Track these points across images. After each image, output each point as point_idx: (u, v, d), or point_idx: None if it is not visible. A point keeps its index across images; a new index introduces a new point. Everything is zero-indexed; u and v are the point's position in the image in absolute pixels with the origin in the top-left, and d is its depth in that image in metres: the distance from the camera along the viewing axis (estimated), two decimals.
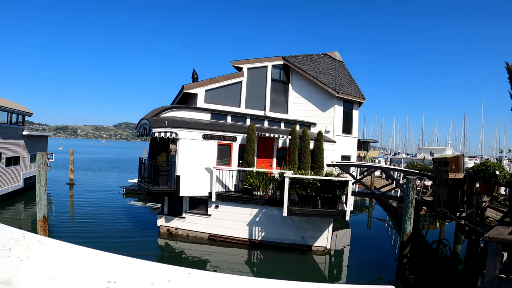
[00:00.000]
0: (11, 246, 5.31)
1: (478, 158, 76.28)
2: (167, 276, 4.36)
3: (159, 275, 4.27)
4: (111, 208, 27.47)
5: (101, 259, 4.92)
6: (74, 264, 4.87)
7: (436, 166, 17.60)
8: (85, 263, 4.67)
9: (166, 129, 17.32)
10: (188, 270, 4.37)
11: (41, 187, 15.65)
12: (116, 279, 4.25)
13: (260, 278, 4.42)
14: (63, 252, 5.24)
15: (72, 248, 5.33)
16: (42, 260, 4.75)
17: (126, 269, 4.60)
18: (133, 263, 4.66)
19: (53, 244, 5.42)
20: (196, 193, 18.54)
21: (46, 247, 5.41)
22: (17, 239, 5.71)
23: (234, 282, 4.20)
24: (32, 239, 5.67)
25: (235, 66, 22.25)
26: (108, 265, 4.76)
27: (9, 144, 27.59)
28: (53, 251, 5.32)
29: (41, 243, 5.53)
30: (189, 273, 4.53)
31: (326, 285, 3.11)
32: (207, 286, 3.89)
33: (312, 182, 16.17)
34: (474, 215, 13.59)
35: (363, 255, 18.56)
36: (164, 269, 4.50)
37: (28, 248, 5.28)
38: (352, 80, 26.16)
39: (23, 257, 4.91)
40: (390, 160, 60.57)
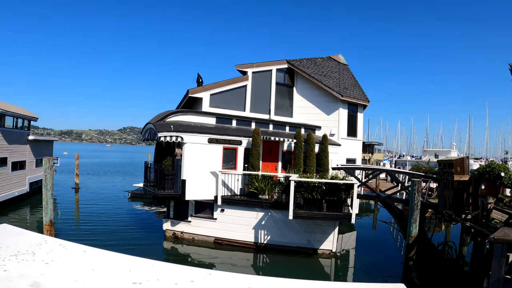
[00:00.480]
0: (34, 250, 5.44)
1: (483, 159, 76.06)
2: (190, 277, 4.44)
3: (182, 276, 4.34)
4: (117, 212, 27.58)
5: (124, 261, 5.00)
6: (98, 266, 4.98)
7: (441, 168, 17.59)
8: (109, 265, 4.76)
9: (172, 134, 17.40)
10: (209, 271, 4.45)
11: (47, 191, 15.75)
12: (141, 280, 4.34)
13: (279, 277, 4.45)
14: (86, 256, 5.34)
15: (95, 251, 5.42)
16: (67, 263, 4.83)
17: (149, 271, 4.68)
18: (156, 265, 4.74)
19: (76, 247, 5.51)
20: (201, 197, 18.60)
21: (69, 251, 5.52)
22: (39, 243, 5.83)
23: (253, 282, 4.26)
24: (53, 243, 5.78)
25: (240, 70, 22.33)
26: (131, 267, 4.86)
27: (15, 149, 27.78)
28: (77, 255, 5.43)
29: (63, 247, 5.65)
30: (210, 273, 4.61)
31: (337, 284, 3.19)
32: (228, 286, 3.96)
33: (318, 185, 16.22)
34: (479, 217, 13.58)
35: (368, 258, 18.55)
36: (187, 270, 4.58)
37: (51, 252, 5.40)
38: (357, 83, 26.19)
39: (48, 261, 5.02)
40: (395, 163, 60.50)
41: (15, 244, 5.83)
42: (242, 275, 4.27)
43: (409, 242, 15.49)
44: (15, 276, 4.55)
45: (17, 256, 5.30)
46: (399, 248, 20.60)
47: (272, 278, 4.42)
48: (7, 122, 26.70)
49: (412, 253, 15.33)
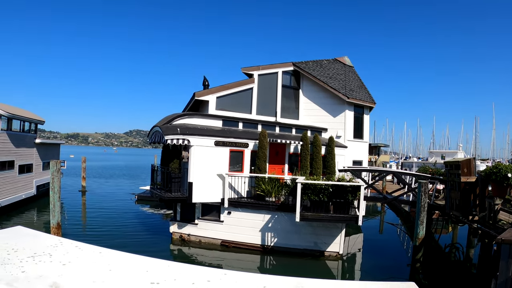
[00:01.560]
0: (51, 251, 5.52)
1: (490, 160, 75.76)
2: (206, 277, 4.50)
3: (199, 276, 4.39)
4: (124, 215, 27.68)
5: (141, 262, 5.05)
6: (115, 267, 5.04)
7: (448, 169, 17.56)
8: (126, 266, 4.81)
9: (179, 136, 17.46)
10: (225, 271, 4.48)
11: (54, 194, 15.88)
12: (159, 280, 4.40)
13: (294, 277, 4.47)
14: (102, 257, 5.40)
15: (111, 252, 5.47)
16: (84, 264, 4.89)
17: (166, 271, 4.73)
18: (172, 265, 4.79)
19: (92, 249, 5.57)
20: (208, 199, 18.64)
21: (85, 252, 5.58)
22: (55, 245, 5.90)
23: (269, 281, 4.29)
24: (69, 244, 5.84)
25: (246, 73, 22.39)
26: (148, 268, 4.92)
27: (22, 152, 27.97)
28: (93, 256, 5.49)
29: (79, 249, 5.72)
30: (225, 273, 4.67)
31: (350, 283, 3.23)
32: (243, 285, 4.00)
33: (325, 187, 16.21)
34: (486, 218, 13.55)
35: (375, 260, 18.51)
36: (203, 271, 4.62)
37: (67, 254, 5.47)
38: (363, 85, 26.19)
39: (65, 262, 5.09)
40: (401, 164, 60.37)
41: (31, 245, 5.91)
42: (258, 275, 4.31)
43: (416, 244, 15.47)
44: (34, 277, 4.61)
45: (34, 258, 5.38)
46: (406, 250, 20.53)
47: (287, 277, 4.45)
48: (14, 126, 26.88)
49: (419, 255, 15.31)
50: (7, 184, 25.70)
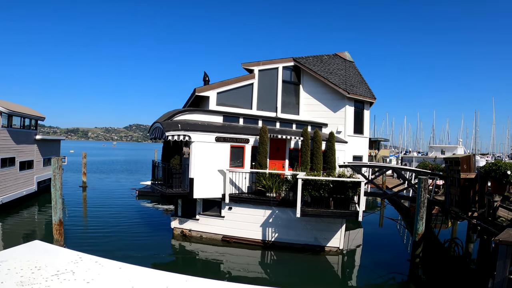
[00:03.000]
0: (73, 268, 5.63)
1: (490, 155, 75.86)
2: None
3: None
4: (125, 210, 27.77)
5: (160, 278, 5.17)
6: (137, 284, 5.16)
7: (447, 165, 17.63)
8: (146, 282, 4.93)
9: (179, 132, 17.51)
10: (244, 286, 4.58)
11: (56, 191, 15.95)
12: None
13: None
14: (123, 273, 5.51)
15: (130, 268, 5.58)
16: (106, 282, 5.00)
17: (184, 287, 4.83)
18: (189, 280, 4.89)
19: (111, 264, 5.67)
20: (209, 195, 18.72)
21: (105, 268, 5.70)
22: (75, 261, 6.03)
23: None
24: (89, 260, 5.97)
25: (246, 68, 22.39)
26: (167, 283, 5.03)
27: (22, 149, 28.02)
28: (113, 272, 5.61)
29: (99, 265, 5.84)
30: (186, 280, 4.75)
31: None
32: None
33: (325, 183, 16.28)
34: (486, 215, 13.63)
35: (375, 255, 18.60)
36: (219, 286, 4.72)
37: (89, 270, 5.59)
38: (363, 80, 26.20)
39: (89, 279, 5.22)
40: (401, 159, 60.43)
41: (52, 262, 6.02)
42: None
43: (415, 239, 15.57)
44: None
45: (58, 276, 5.48)
46: (405, 245, 20.63)
47: None
48: (15, 122, 26.92)
49: (419, 250, 15.41)
50: (8, 181, 25.76)
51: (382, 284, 14.77)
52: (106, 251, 17.04)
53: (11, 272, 5.60)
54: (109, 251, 17.20)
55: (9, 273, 5.56)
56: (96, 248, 17.56)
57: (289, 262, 16.98)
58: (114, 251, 17.05)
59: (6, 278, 5.38)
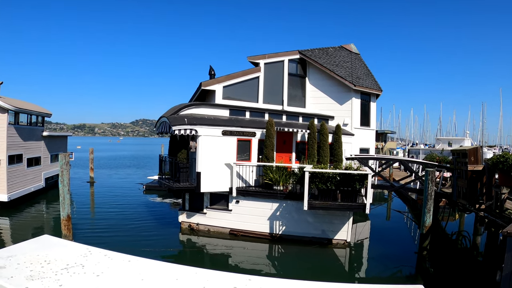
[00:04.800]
0: (82, 262, 5.67)
1: (497, 147, 75.40)
2: (232, 283, 4.62)
3: (225, 283, 4.51)
4: (132, 205, 27.92)
5: (169, 270, 5.19)
6: (147, 276, 5.19)
7: (455, 158, 17.55)
8: (156, 275, 4.96)
9: (186, 127, 17.53)
10: (249, 277, 4.59)
11: (64, 187, 16.04)
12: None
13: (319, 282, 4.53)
14: (132, 265, 5.54)
15: (140, 260, 5.62)
16: (117, 274, 5.04)
17: (194, 279, 4.86)
18: (199, 272, 4.91)
19: (121, 258, 5.71)
20: (216, 189, 18.76)
21: (114, 261, 5.73)
22: (85, 254, 6.07)
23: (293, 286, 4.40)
24: (98, 253, 6.01)
25: (252, 62, 22.33)
26: (178, 276, 5.05)
27: (30, 145, 28.18)
28: (123, 265, 5.64)
29: (108, 258, 5.88)
30: (249, 279, 4.78)
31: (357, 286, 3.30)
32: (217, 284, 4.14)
33: (332, 176, 16.25)
34: (493, 207, 13.57)
35: (383, 247, 18.57)
36: (228, 277, 4.74)
37: (98, 263, 5.63)
38: (369, 72, 26.08)
39: (99, 273, 5.25)
40: (408, 151, 60.18)
41: (62, 256, 6.05)
42: (282, 280, 4.41)
43: (423, 231, 15.53)
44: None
45: (68, 269, 5.51)
46: (413, 237, 20.58)
47: (311, 282, 4.51)
48: (22, 119, 27.05)
49: (426, 242, 15.37)
50: (16, 178, 25.95)
51: (389, 276, 14.76)
52: (114, 246, 17.11)
53: (21, 267, 5.64)
54: (117, 245, 17.28)
55: (19, 268, 5.60)
56: (104, 242, 17.65)
57: (297, 255, 17.02)
58: (122, 246, 17.12)
59: (16, 272, 5.41)
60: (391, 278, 14.63)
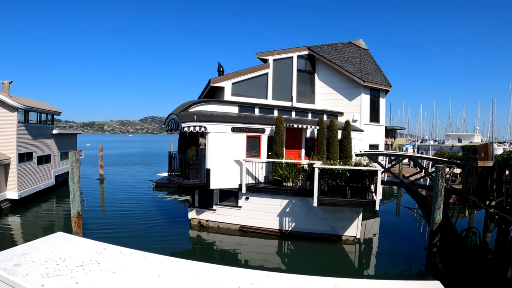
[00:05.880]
0: (98, 259, 5.68)
1: (507, 143, 74.77)
2: (250, 279, 4.61)
3: (243, 279, 4.50)
4: (142, 201, 28.06)
5: (186, 267, 5.18)
6: (163, 273, 5.20)
7: (465, 154, 17.42)
8: (173, 272, 4.95)
9: (195, 124, 17.54)
10: (266, 273, 4.59)
11: (74, 184, 16.11)
12: (207, 285, 4.53)
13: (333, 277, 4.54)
14: (148, 262, 5.55)
15: (156, 257, 5.62)
16: (133, 271, 5.04)
17: (211, 275, 4.85)
18: (216, 269, 4.91)
19: (136, 254, 5.71)
20: (226, 185, 18.78)
21: (130, 258, 5.74)
22: (100, 251, 6.08)
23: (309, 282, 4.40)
24: (113, 250, 6.01)
25: (261, 58, 22.30)
26: (194, 272, 5.05)
27: (39, 143, 28.41)
28: (138, 262, 5.65)
29: (124, 255, 5.88)
30: (267, 275, 4.79)
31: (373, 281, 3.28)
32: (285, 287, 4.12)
33: (342, 172, 16.20)
34: (504, 204, 13.44)
35: (392, 244, 18.48)
36: (246, 273, 4.72)
37: (114, 260, 5.63)
38: (378, 68, 25.92)
39: (114, 270, 5.26)
40: (417, 147, 59.90)
41: (77, 253, 6.05)
42: (298, 276, 4.41)
43: (433, 228, 15.44)
44: None
45: (83, 267, 5.50)
46: (422, 234, 20.47)
47: (326, 278, 4.49)
48: (31, 118, 27.24)
49: (436, 239, 15.28)
50: (26, 175, 26.18)
51: (399, 273, 14.70)
52: (124, 243, 17.16)
53: (36, 264, 5.64)
54: (127, 242, 17.35)
55: (34, 265, 5.59)
56: (115, 239, 17.75)
57: (306, 251, 17.00)
58: (132, 242, 17.20)
59: (31, 270, 5.41)
60: (401, 274, 14.57)
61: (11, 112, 24.69)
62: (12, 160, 24.59)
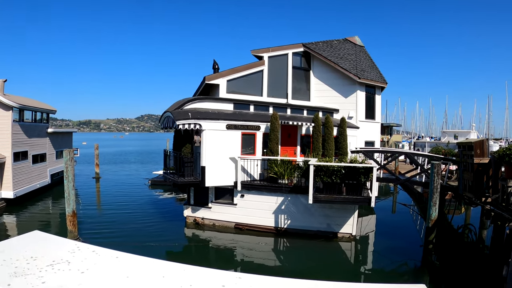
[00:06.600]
0: (69, 258, 5.58)
1: (503, 140, 74.97)
2: (221, 281, 4.51)
3: (213, 281, 4.40)
4: (138, 200, 27.96)
5: (157, 267, 5.09)
6: (132, 273, 5.09)
7: (461, 150, 17.37)
8: (142, 272, 4.85)
9: (190, 121, 17.47)
10: (239, 275, 4.49)
11: (69, 183, 16.03)
12: (176, 287, 4.42)
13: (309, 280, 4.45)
14: (119, 262, 5.44)
15: (127, 257, 5.52)
16: (102, 271, 4.95)
17: (182, 276, 4.74)
18: (187, 269, 4.80)
19: (109, 254, 5.62)
20: (221, 183, 18.72)
21: (102, 258, 5.64)
22: (73, 250, 5.97)
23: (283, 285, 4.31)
24: (86, 249, 5.92)
25: (256, 55, 22.20)
26: (164, 273, 4.95)
27: (35, 142, 28.27)
28: (109, 261, 5.54)
29: (96, 254, 5.78)
30: (239, 277, 4.68)
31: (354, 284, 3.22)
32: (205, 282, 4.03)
33: (337, 169, 16.15)
34: (499, 200, 13.42)
35: (388, 241, 18.49)
36: (217, 274, 4.62)
37: (85, 260, 5.54)
38: (374, 65, 25.88)
39: (84, 269, 5.16)
40: (414, 144, 59.96)
41: (49, 252, 5.96)
42: (273, 278, 4.32)
43: (428, 225, 15.39)
44: None
45: (53, 266, 5.42)
46: (419, 231, 20.47)
47: (302, 280, 4.41)
48: (26, 116, 27.11)
49: (432, 236, 15.24)
50: (21, 174, 26.05)
51: (395, 270, 14.70)
52: (119, 241, 17.20)
53: (7, 263, 5.58)
54: (122, 241, 17.36)
55: (4, 264, 5.53)
56: (110, 238, 17.74)
57: (302, 248, 16.97)
58: (127, 241, 17.18)
59: (0, 269, 5.36)
60: (397, 271, 14.56)
61: (6, 111, 24.54)
62: (7, 159, 24.46)
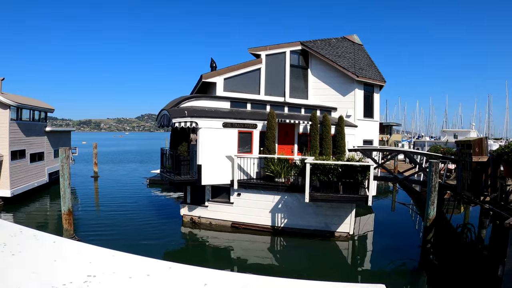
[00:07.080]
0: (6, 241, 5.34)
1: (503, 140, 74.83)
2: (146, 271, 4.21)
3: (139, 270, 4.12)
4: (136, 198, 27.90)
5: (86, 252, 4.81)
6: (61, 257, 4.80)
7: (459, 149, 17.25)
8: (71, 256, 4.60)
9: (186, 119, 17.37)
10: (169, 264, 4.22)
11: (64, 181, 15.94)
12: (96, 273, 4.14)
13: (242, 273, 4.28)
14: (55, 246, 5.19)
15: (63, 241, 5.27)
16: (33, 255, 4.72)
17: (107, 263, 4.43)
18: (116, 255, 4.51)
19: (48, 238, 5.38)
20: (218, 181, 18.63)
21: (40, 242, 5.40)
22: (14, 234, 5.73)
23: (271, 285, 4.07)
24: (28, 233, 5.67)
25: (253, 53, 22.10)
26: (92, 259, 4.64)
27: (32, 141, 28.24)
28: (46, 245, 5.30)
29: (35, 238, 5.53)
30: (170, 267, 4.40)
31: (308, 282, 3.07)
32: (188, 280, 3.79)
33: (334, 167, 16.07)
34: (498, 199, 13.30)
35: (386, 240, 18.38)
36: (145, 263, 4.34)
37: (21, 243, 5.29)
38: (372, 63, 25.76)
39: (15, 252, 4.91)
40: (413, 144, 59.91)
41: None
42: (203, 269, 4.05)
43: (427, 224, 15.29)
44: None
45: None
46: (418, 230, 20.36)
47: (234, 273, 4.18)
48: (24, 115, 27.05)
49: (430, 235, 15.14)
50: (19, 173, 26.00)
51: (393, 269, 14.58)
52: (116, 239, 17.17)
53: None
54: (119, 239, 17.32)
55: None
56: (107, 236, 17.69)
57: (299, 247, 16.88)
58: (124, 239, 17.14)
59: None
60: (395, 271, 14.45)
61: (3, 110, 24.49)
62: (5, 158, 24.41)
